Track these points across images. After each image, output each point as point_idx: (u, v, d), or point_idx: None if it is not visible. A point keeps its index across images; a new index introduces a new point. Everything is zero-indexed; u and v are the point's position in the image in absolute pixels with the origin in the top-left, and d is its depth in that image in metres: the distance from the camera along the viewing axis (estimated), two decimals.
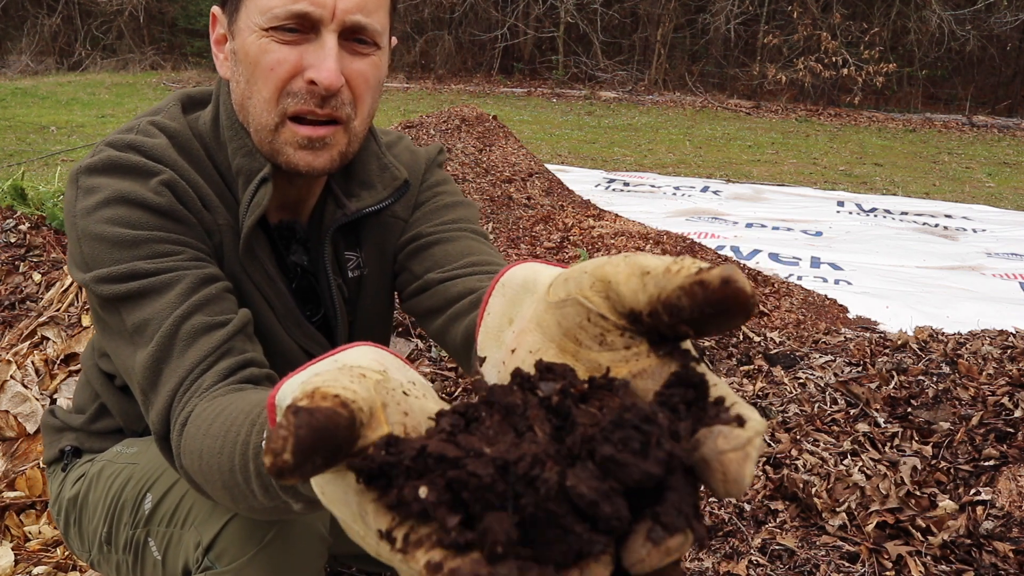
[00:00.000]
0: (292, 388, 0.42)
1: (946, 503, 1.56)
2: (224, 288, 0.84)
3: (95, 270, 0.81)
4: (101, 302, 0.83)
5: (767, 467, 1.72)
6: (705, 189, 6.64)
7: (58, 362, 1.95)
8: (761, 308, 3.35)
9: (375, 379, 0.37)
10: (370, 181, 1.00)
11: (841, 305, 3.62)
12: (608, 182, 6.75)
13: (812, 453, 1.71)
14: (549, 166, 5.74)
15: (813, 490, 1.61)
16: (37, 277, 2.26)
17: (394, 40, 0.97)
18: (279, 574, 0.87)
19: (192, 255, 0.84)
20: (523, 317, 0.47)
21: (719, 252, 4.10)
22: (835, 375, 1.95)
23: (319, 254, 1.00)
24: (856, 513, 1.57)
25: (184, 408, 0.74)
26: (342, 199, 0.99)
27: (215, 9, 0.93)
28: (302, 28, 0.84)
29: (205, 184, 0.90)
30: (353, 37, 0.86)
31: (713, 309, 0.35)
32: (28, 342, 2.02)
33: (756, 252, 4.55)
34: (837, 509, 1.58)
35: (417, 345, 2.20)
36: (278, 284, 0.95)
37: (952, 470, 1.64)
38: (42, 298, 2.18)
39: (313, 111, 0.86)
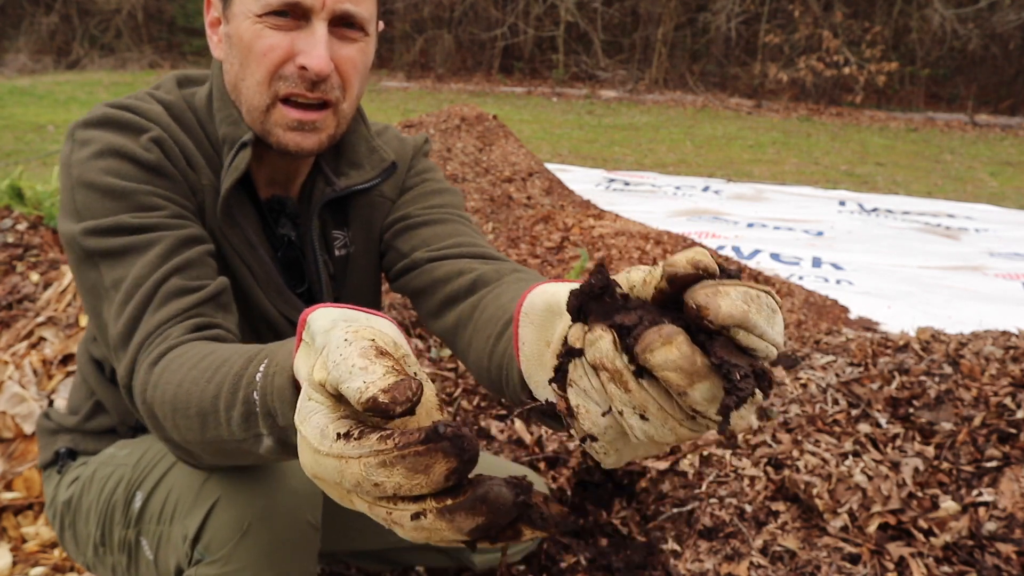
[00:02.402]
0: (339, 321, 0.52)
1: (948, 504, 1.55)
2: (204, 251, 0.87)
3: (84, 221, 0.84)
4: (84, 256, 0.85)
5: (768, 468, 1.71)
6: (706, 189, 6.63)
7: (56, 362, 1.95)
8: None
9: (412, 358, 0.50)
10: (359, 162, 1.05)
11: (842, 305, 3.61)
12: (608, 181, 6.74)
13: (813, 454, 1.70)
14: (549, 166, 5.73)
15: (814, 491, 1.60)
16: (35, 277, 2.25)
17: (381, 24, 1.00)
18: (268, 557, 0.87)
19: (176, 212, 0.87)
20: (559, 337, 0.56)
21: (720, 252, 4.09)
22: (836, 375, 1.94)
23: (307, 229, 1.03)
24: (858, 514, 1.56)
25: (152, 351, 0.78)
26: (331, 177, 1.03)
27: None
28: (294, 15, 0.87)
29: (194, 147, 0.94)
30: (342, 23, 0.90)
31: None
32: (26, 342, 2.01)
33: (757, 252, 4.54)
34: (839, 510, 1.57)
35: (416, 345, 2.20)
36: (259, 251, 0.98)
37: (954, 471, 1.63)
38: (40, 298, 2.17)
39: (304, 94, 0.89)
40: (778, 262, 4.34)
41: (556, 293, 0.59)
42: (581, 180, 6.37)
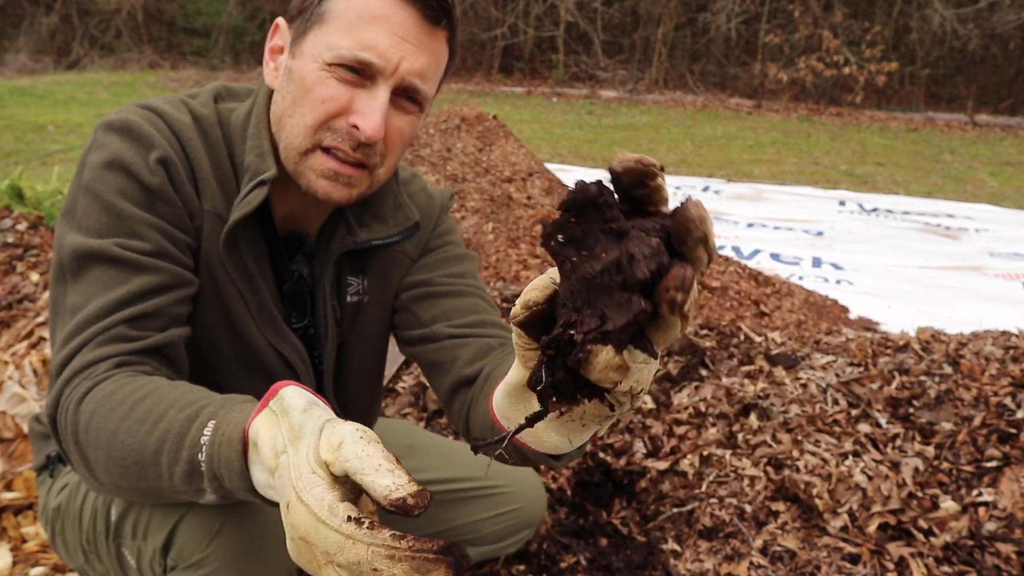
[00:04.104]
0: (312, 406, 0.61)
1: (948, 504, 1.55)
2: (169, 300, 0.88)
3: (80, 230, 0.87)
4: (60, 266, 0.88)
5: (768, 468, 1.71)
6: (706, 188, 6.63)
7: None
8: (762, 308, 3.34)
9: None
10: (383, 215, 1.05)
11: (842, 305, 3.61)
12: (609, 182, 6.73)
13: (813, 454, 1.70)
14: (549, 166, 5.73)
15: (814, 491, 1.60)
16: (35, 277, 2.25)
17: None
18: (244, 555, 0.87)
19: (161, 247, 0.88)
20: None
21: (720, 252, 4.09)
22: (836, 375, 1.94)
23: (321, 271, 1.03)
24: (858, 514, 1.56)
25: (76, 388, 0.79)
26: (354, 226, 1.03)
27: (280, 20, 0.96)
28: (363, 74, 0.88)
29: (210, 169, 0.94)
30: (404, 94, 0.91)
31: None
32: (26, 342, 2.01)
33: (757, 252, 4.54)
34: (839, 510, 1.57)
35: None
36: (256, 281, 0.98)
37: (954, 471, 1.63)
38: (40, 298, 2.17)
39: (346, 151, 0.90)
40: (778, 262, 4.34)
41: (506, 382, 0.66)
42: None
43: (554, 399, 0.52)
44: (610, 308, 0.47)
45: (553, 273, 0.53)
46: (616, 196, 0.49)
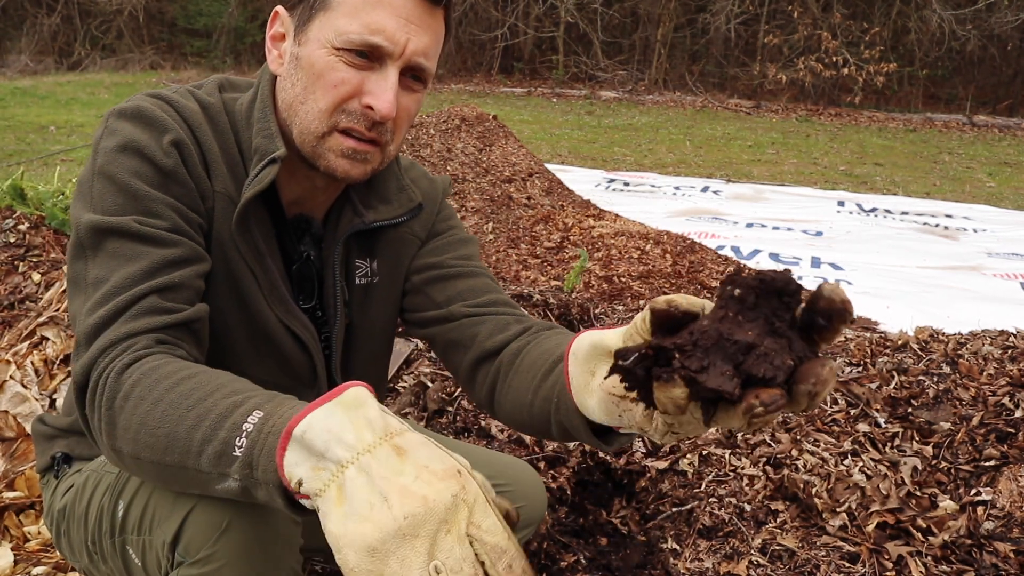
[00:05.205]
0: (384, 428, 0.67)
1: (947, 503, 1.56)
2: (192, 273, 0.89)
3: (95, 212, 0.88)
4: (78, 245, 0.88)
5: (767, 467, 1.72)
6: (705, 189, 6.64)
7: (57, 362, 1.95)
8: None
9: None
10: (388, 198, 1.08)
11: None
12: (608, 182, 6.75)
13: (812, 453, 1.71)
14: (549, 166, 5.74)
15: (813, 490, 1.61)
16: (36, 277, 2.26)
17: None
18: (250, 552, 0.86)
19: (177, 224, 0.90)
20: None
21: (719, 252, 4.10)
22: (835, 375, 1.95)
23: (330, 252, 1.05)
24: (856, 513, 1.57)
25: (118, 360, 0.80)
26: (360, 208, 1.06)
27: (280, 8, 0.98)
28: (371, 57, 0.91)
29: (220, 152, 0.96)
30: (410, 74, 0.94)
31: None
32: (27, 342, 2.02)
33: (756, 252, 4.55)
34: (837, 509, 1.57)
35: (417, 345, 2.20)
36: (266, 260, 0.99)
37: (953, 470, 1.64)
38: (41, 298, 2.18)
39: (362, 131, 0.93)
40: (777, 262, 4.35)
41: (603, 336, 0.72)
42: (581, 180, 6.38)
43: (621, 379, 0.59)
44: (715, 368, 0.53)
45: (707, 303, 0.60)
46: (799, 303, 0.55)
